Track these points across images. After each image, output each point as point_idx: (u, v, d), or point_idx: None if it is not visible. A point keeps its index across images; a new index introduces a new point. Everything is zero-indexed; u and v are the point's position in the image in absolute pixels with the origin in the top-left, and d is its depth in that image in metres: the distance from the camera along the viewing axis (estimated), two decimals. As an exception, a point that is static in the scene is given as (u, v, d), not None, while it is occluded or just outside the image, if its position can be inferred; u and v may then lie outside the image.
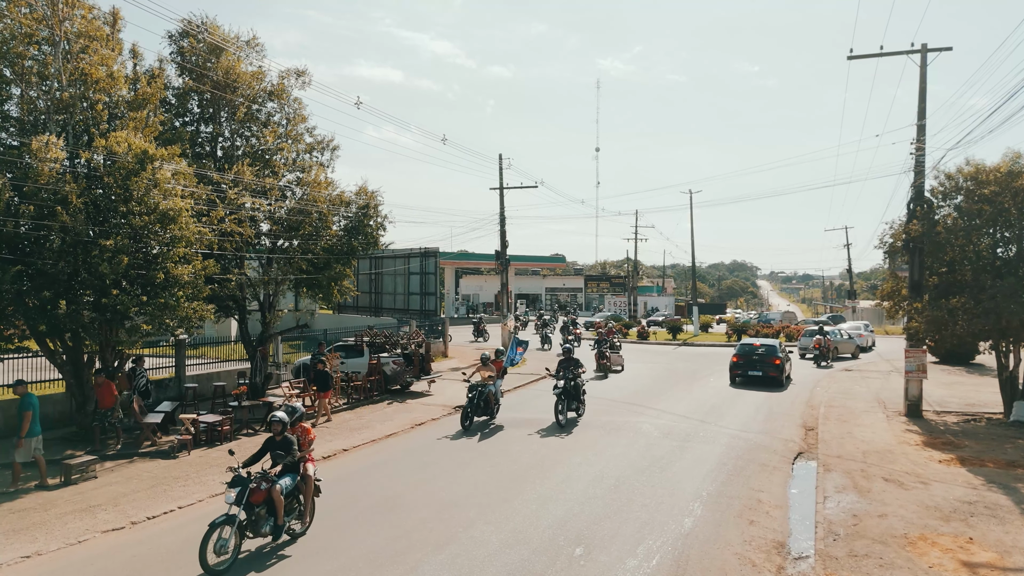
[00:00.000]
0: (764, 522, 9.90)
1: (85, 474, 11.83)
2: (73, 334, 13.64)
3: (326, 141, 21.03)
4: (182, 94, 18.53)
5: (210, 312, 15.60)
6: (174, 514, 10.21)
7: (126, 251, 12.59)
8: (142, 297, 12.91)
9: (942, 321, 15.64)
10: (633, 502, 10.48)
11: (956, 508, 10.38)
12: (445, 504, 10.31)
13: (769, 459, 13.50)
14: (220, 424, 14.41)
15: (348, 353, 21.70)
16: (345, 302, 38.79)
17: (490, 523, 9.47)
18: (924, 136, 17.59)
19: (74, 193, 12.51)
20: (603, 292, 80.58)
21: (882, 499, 10.91)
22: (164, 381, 18.20)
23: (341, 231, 20.31)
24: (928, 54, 17.73)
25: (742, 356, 23.81)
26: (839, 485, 11.69)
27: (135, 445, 13.94)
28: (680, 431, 15.50)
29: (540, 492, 10.91)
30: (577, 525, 9.43)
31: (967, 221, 16.50)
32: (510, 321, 33.85)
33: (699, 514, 10.04)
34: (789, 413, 18.23)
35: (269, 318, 19.06)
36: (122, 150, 12.82)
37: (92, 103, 13.94)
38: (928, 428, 16.21)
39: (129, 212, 12.99)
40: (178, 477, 12.00)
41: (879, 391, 21.91)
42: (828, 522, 9.89)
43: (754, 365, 23.32)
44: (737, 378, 23.66)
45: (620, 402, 19.33)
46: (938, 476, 12.20)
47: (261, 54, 19.70)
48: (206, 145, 19.29)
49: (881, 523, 9.82)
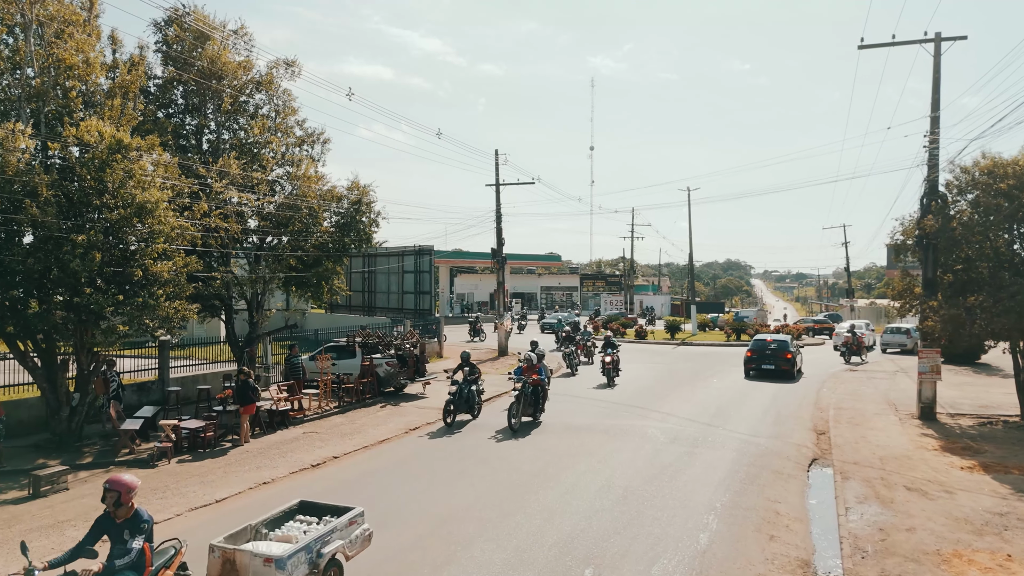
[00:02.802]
0: (785, 537, 9.22)
1: (56, 485, 11.06)
2: (45, 335, 12.85)
3: (317, 134, 20.28)
4: (165, 84, 17.75)
5: (193, 312, 14.82)
6: (149, 530, 9.44)
7: (99, 247, 11.81)
8: (118, 296, 12.12)
9: (960, 320, 15.00)
10: (643, 515, 9.78)
11: (988, 520, 9.73)
12: (443, 519, 9.58)
13: (783, 466, 12.82)
14: (203, 430, 13.64)
15: (340, 354, 20.93)
16: (337, 301, 37.98)
17: (491, 540, 8.75)
18: (938, 128, 16.95)
19: (44, 185, 11.72)
20: (599, 291, 79.97)
21: (907, 510, 10.25)
22: (147, 384, 17.41)
23: (332, 227, 19.56)
24: (942, 43, 17.09)
25: (756, 351, 24.91)
26: (859, 495, 11.02)
27: (112, 453, 13.16)
28: (687, 435, 14.81)
29: (544, 504, 10.19)
30: (585, 542, 8.72)
31: (983, 217, 15.87)
32: (507, 321, 33.13)
33: (715, 528, 9.36)
34: (798, 416, 17.57)
35: (257, 318, 18.28)
36: (94, 139, 12.02)
37: (66, 91, 13.15)
38: (944, 432, 15.58)
39: (104, 205, 12.21)
40: (155, 488, 11.23)
41: (887, 392, 21.28)
42: (854, 537, 9.22)
43: (767, 359, 24.42)
44: (751, 371, 24.72)
45: (623, 405, 18.64)
46: (962, 484, 11.55)
47: (249, 44, 18.95)
48: (191, 138, 18.51)
49: (910, 538, 9.15)
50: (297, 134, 19.83)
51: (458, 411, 16.05)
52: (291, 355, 18.40)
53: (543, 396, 16.37)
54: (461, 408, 16.11)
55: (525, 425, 15.64)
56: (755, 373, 24.66)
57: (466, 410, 16.28)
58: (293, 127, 19.77)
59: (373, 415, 17.41)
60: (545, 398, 16.53)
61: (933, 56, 17.16)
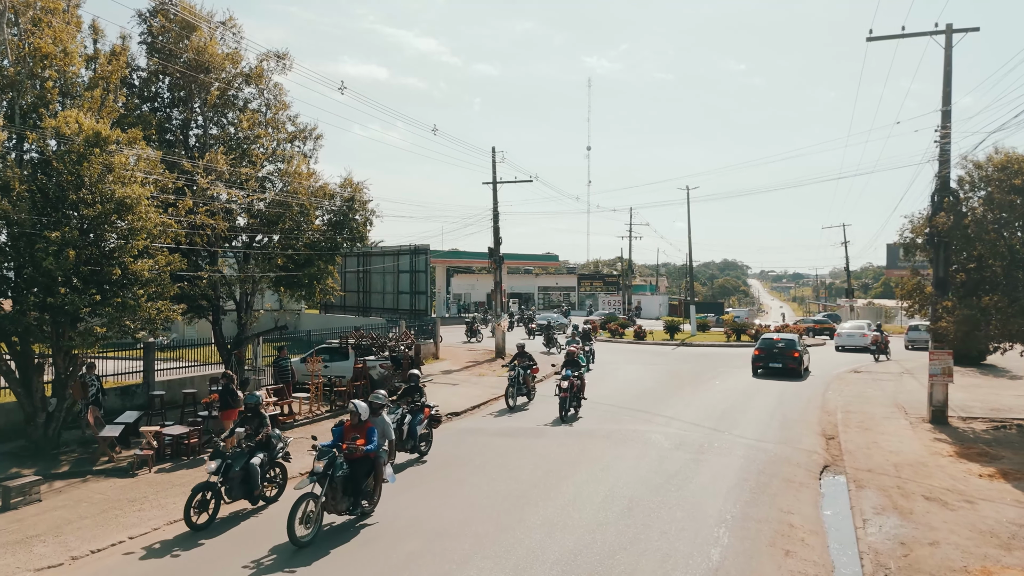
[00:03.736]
0: (801, 552, 8.66)
1: (27, 496, 10.44)
2: (20, 337, 12.23)
3: (309, 130, 19.66)
4: (150, 76, 17.12)
5: (178, 313, 14.22)
6: (123, 545, 8.84)
7: (75, 244, 11.18)
8: (95, 296, 11.49)
9: (975, 321, 14.47)
10: (650, 528, 9.21)
11: (1015, 533, 9.19)
12: (437, 533, 8.99)
13: (793, 473, 12.27)
14: (187, 436, 13.02)
15: (332, 356, 20.33)
16: (331, 302, 37.34)
17: (489, 558, 8.17)
18: (949, 123, 16.41)
19: (17, 179, 11.10)
20: (596, 291, 79.40)
21: (928, 522, 9.71)
22: (131, 388, 16.78)
23: (324, 225, 18.95)
24: (953, 35, 16.56)
25: (764, 350, 25.14)
26: (876, 505, 10.48)
27: (90, 461, 12.54)
28: (692, 441, 14.25)
29: (544, 517, 9.61)
30: (589, 559, 8.14)
31: (997, 214, 15.35)
32: (504, 321, 32.56)
33: (726, 543, 8.79)
34: (805, 420, 17.03)
35: (245, 319, 17.66)
36: (72, 131, 11.40)
37: (42, 81, 12.53)
38: (957, 436, 15.04)
39: (81, 201, 11.58)
40: (134, 499, 10.62)
41: (895, 394, 20.75)
42: (874, 552, 8.67)
43: (775, 358, 24.62)
44: (759, 370, 24.84)
45: (625, 408, 18.07)
46: (983, 493, 11.01)
47: (237, 36, 18.31)
48: (178, 132, 17.88)
49: (935, 553, 8.61)
50: (289, 129, 19.21)
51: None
52: (280, 357, 17.80)
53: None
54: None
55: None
56: (763, 371, 24.79)
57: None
58: (284, 122, 19.16)
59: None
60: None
61: (944, 49, 16.64)
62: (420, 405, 12.96)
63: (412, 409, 12.82)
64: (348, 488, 9.07)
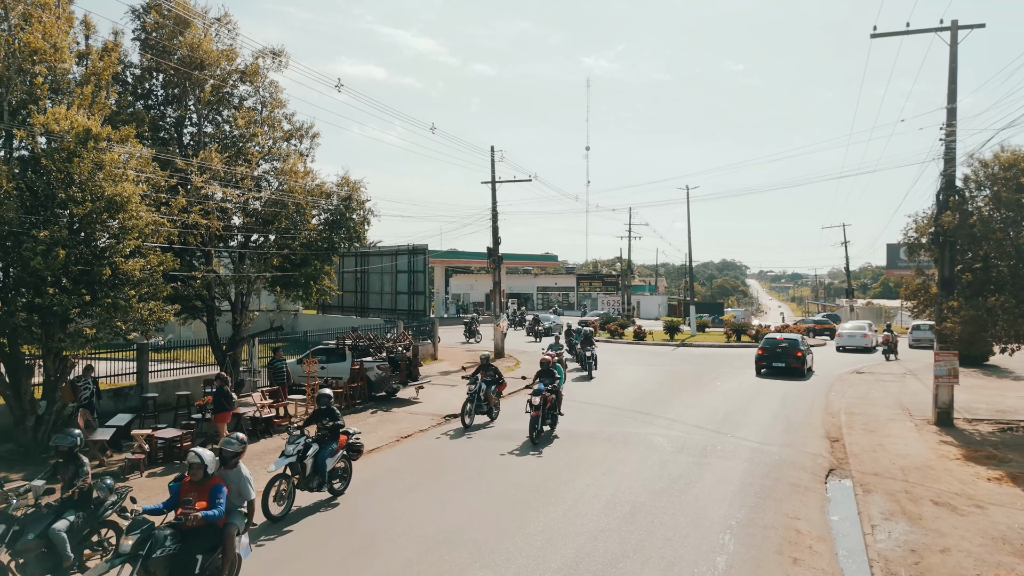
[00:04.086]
0: (809, 560, 8.42)
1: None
2: (8, 339, 11.96)
3: (305, 128, 19.43)
4: (143, 73, 16.87)
5: (171, 313, 13.96)
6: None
7: (64, 243, 10.92)
8: (85, 296, 11.23)
9: (981, 322, 14.23)
10: (654, 535, 8.97)
11: (1028, 540, 8.95)
12: (435, 540, 8.74)
13: (798, 477, 12.03)
14: (179, 440, 12.76)
15: (329, 357, 20.05)
16: (328, 302, 37.05)
17: (488, 567, 7.92)
18: (955, 120, 16.18)
19: (5, 177, 10.84)
20: (595, 291, 79.17)
21: (938, 528, 9.47)
22: (124, 390, 16.50)
23: (321, 225, 18.71)
24: (959, 31, 16.33)
25: (767, 349, 25.23)
26: (884, 510, 10.24)
27: (81, 465, 12.25)
28: (695, 444, 14.01)
29: (545, 523, 9.37)
30: (591, 567, 7.90)
31: (1003, 212, 15.12)
32: (503, 322, 32.29)
33: (732, 550, 8.55)
34: (809, 422, 16.78)
35: (240, 320, 17.40)
36: (62, 128, 11.14)
37: (31, 77, 12.26)
38: (964, 439, 14.81)
39: (70, 199, 11.32)
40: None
41: (899, 396, 20.51)
42: (884, 560, 8.43)
43: (778, 357, 24.70)
44: (763, 369, 24.97)
45: (625, 410, 17.83)
46: (993, 498, 10.78)
47: (233, 32, 18.06)
48: (172, 130, 17.63)
49: (946, 560, 8.37)
50: (285, 128, 18.99)
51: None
52: (275, 359, 17.54)
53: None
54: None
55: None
56: (766, 371, 24.89)
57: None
58: (280, 120, 18.93)
59: (363, 422, 16.54)
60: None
61: (949, 45, 16.41)
62: (333, 431, 10.50)
63: (319, 437, 10.33)
64: (177, 574, 6.48)
